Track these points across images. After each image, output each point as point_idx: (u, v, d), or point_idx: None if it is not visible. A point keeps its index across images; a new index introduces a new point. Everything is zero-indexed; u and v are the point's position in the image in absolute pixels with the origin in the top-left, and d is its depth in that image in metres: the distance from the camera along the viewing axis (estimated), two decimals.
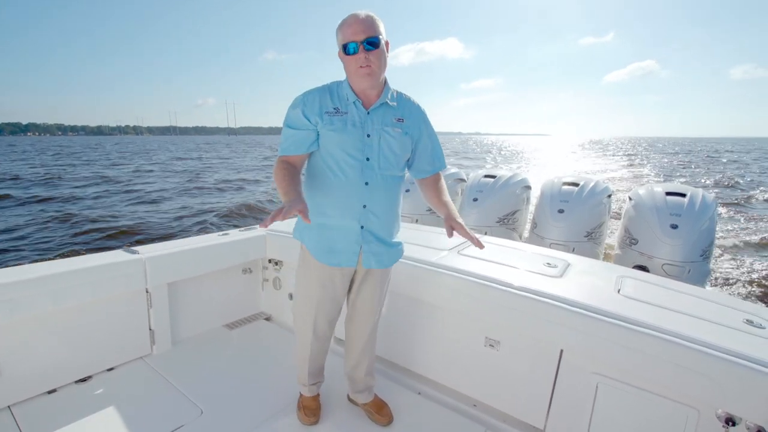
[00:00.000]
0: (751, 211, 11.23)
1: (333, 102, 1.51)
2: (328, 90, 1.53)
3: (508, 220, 4.09)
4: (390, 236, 1.64)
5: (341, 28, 1.43)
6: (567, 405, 1.75)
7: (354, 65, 1.43)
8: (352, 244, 1.57)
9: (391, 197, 1.59)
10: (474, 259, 2.12)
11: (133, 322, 2.23)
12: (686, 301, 1.73)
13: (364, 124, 1.50)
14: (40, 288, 1.83)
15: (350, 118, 1.50)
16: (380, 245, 1.61)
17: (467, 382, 2.05)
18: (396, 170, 1.57)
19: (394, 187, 1.59)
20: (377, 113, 1.52)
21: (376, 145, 1.51)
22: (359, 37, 1.38)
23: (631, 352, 1.48)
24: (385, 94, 1.53)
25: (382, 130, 1.51)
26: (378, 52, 1.42)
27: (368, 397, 1.88)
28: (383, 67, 1.47)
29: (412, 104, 1.61)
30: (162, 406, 1.89)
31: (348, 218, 1.54)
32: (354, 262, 1.60)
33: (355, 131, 1.49)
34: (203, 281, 2.55)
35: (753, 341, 1.43)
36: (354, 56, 1.41)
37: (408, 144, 1.58)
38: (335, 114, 1.49)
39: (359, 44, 1.39)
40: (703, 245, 3.24)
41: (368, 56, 1.40)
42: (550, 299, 1.68)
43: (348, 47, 1.41)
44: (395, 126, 1.53)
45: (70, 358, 2.01)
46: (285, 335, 2.63)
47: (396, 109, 1.56)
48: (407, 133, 1.56)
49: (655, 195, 3.54)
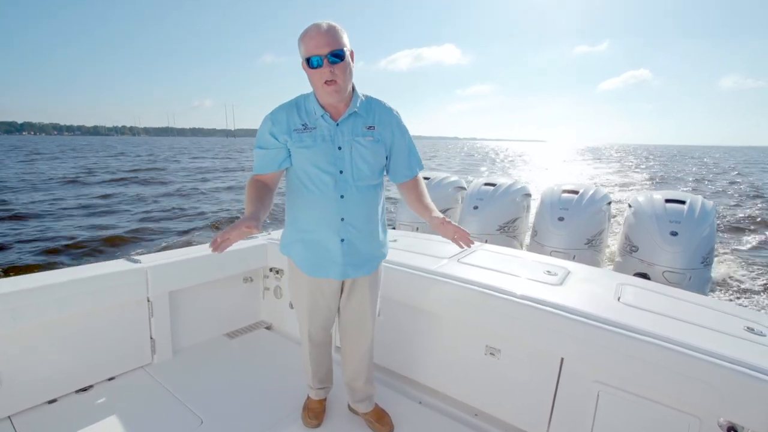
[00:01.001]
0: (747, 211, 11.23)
1: (301, 118, 1.50)
2: (295, 105, 1.52)
3: (509, 227, 4.10)
4: (372, 247, 1.64)
5: (303, 40, 1.39)
6: (568, 414, 1.74)
7: (319, 80, 1.40)
8: (334, 256, 1.57)
9: (370, 207, 1.58)
10: (474, 267, 2.13)
11: (134, 331, 2.23)
12: (686, 309, 1.73)
13: (334, 137, 1.49)
14: (42, 297, 1.84)
15: (319, 133, 1.49)
16: (361, 256, 1.61)
17: (468, 391, 2.04)
18: (371, 180, 1.56)
19: (372, 197, 1.58)
20: (346, 124, 1.50)
21: (348, 157, 1.50)
22: (323, 50, 1.36)
23: (632, 360, 1.48)
24: (354, 103, 1.50)
25: (353, 140, 1.50)
26: (343, 64, 1.40)
27: (369, 407, 1.87)
28: (349, 78, 1.45)
29: (383, 109, 1.58)
30: (162, 416, 1.89)
31: (327, 232, 1.55)
32: (338, 274, 1.60)
33: (325, 146, 1.48)
34: (204, 290, 2.56)
35: (754, 349, 1.43)
36: (318, 70, 1.38)
37: (381, 151, 1.56)
38: (304, 131, 1.49)
39: (323, 58, 1.36)
40: (703, 252, 3.24)
41: (333, 69, 1.38)
42: (550, 307, 1.68)
43: (311, 61, 1.38)
44: (366, 135, 1.52)
45: (71, 368, 2.01)
46: (286, 344, 2.62)
47: (366, 116, 1.54)
48: (379, 141, 1.54)
49: (654, 202, 3.55)
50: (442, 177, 4.67)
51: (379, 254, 1.69)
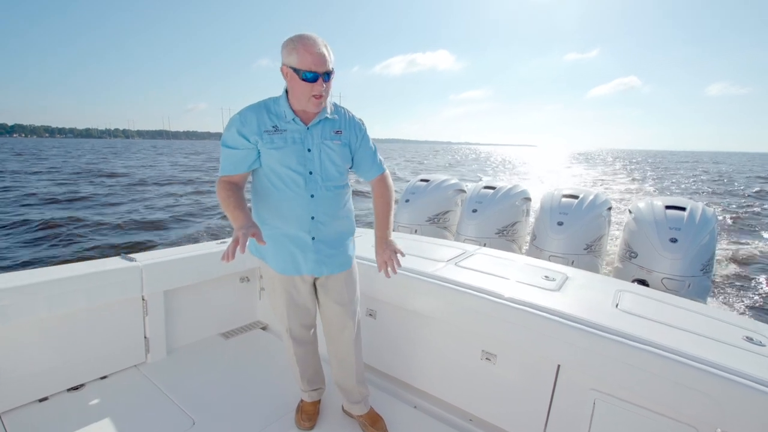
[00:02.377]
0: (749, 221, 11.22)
1: (271, 120, 1.53)
2: (264, 107, 1.55)
3: (508, 231, 4.08)
4: (341, 243, 1.69)
5: (298, 51, 1.40)
6: (564, 421, 1.72)
7: (309, 92, 1.45)
8: (306, 254, 1.63)
9: (338, 206, 1.65)
10: (472, 271, 2.11)
11: (128, 329, 2.22)
12: (685, 317, 1.71)
13: (305, 139, 1.55)
14: (34, 294, 1.82)
15: (290, 135, 1.53)
16: (332, 252, 1.66)
17: (463, 396, 2.03)
18: (339, 180, 1.63)
19: (340, 196, 1.65)
20: (316, 128, 1.56)
21: (317, 158, 1.56)
22: (321, 68, 1.42)
23: (629, 368, 1.47)
24: (324, 110, 1.57)
25: (322, 143, 1.57)
26: (330, 83, 1.49)
27: (363, 409, 1.86)
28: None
29: (350, 117, 1.67)
30: (154, 416, 1.87)
31: (298, 230, 1.59)
32: (310, 270, 1.65)
33: (295, 147, 1.53)
34: (200, 289, 2.54)
35: (753, 359, 1.41)
36: (311, 84, 1.43)
37: (347, 153, 1.64)
38: (275, 132, 1.52)
39: (320, 75, 1.43)
40: (703, 260, 3.22)
41: (325, 86, 1.46)
42: (547, 313, 1.66)
43: (307, 76, 1.42)
44: (334, 138, 1.59)
45: (63, 366, 2.00)
46: (281, 345, 2.60)
47: (334, 121, 1.61)
48: (346, 144, 1.63)
49: (654, 208, 3.53)
50: (442, 179, 4.65)
51: (350, 251, 1.74)
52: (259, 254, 1.72)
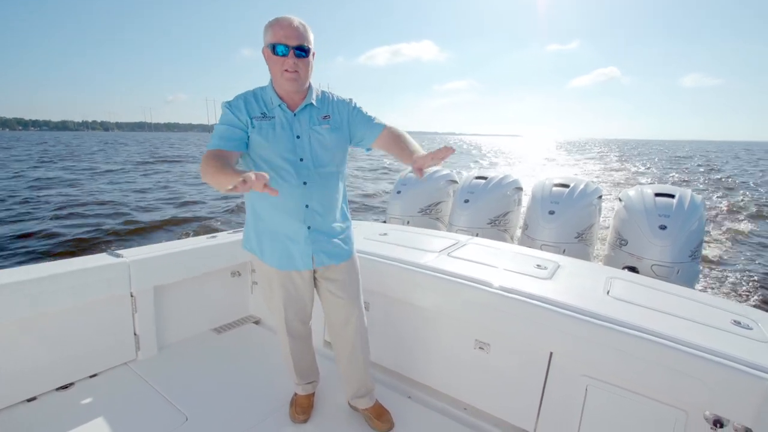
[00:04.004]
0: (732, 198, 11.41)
1: (259, 107, 1.53)
2: (252, 95, 1.55)
3: (500, 221, 4.09)
4: (339, 232, 1.66)
5: (272, 27, 1.42)
6: (557, 408, 1.74)
7: (280, 67, 1.44)
8: (303, 246, 1.59)
9: (332, 192, 1.62)
10: (464, 261, 2.11)
11: (117, 327, 2.18)
12: (674, 302, 1.73)
13: (292, 125, 1.53)
14: (19, 293, 1.78)
15: (278, 122, 1.52)
16: (330, 242, 1.63)
17: (457, 386, 2.03)
18: (332, 166, 1.60)
19: (333, 183, 1.62)
20: (303, 114, 1.55)
21: (306, 144, 1.54)
22: (291, 42, 1.41)
23: (620, 354, 1.48)
24: (310, 95, 1.56)
25: (310, 129, 1.55)
26: (306, 60, 1.47)
27: (368, 403, 1.84)
28: (309, 75, 1.53)
29: (337, 99, 1.65)
30: (146, 413, 1.85)
31: (293, 220, 1.56)
32: (309, 264, 1.62)
33: (284, 134, 1.52)
34: (190, 285, 2.51)
35: (740, 342, 1.43)
36: (282, 58, 1.43)
37: (338, 138, 1.60)
38: (263, 119, 1.51)
39: (290, 49, 1.42)
40: (692, 246, 3.26)
41: (297, 62, 1.44)
42: (540, 301, 1.67)
43: (277, 48, 1.42)
44: (323, 123, 1.57)
45: (51, 365, 1.96)
46: (275, 339, 2.59)
47: (321, 108, 1.59)
48: (336, 129, 1.60)
49: (644, 196, 3.56)
50: (434, 170, 4.64)
51: (349, 241, 1.71)
52: (252, 250, 1.68)
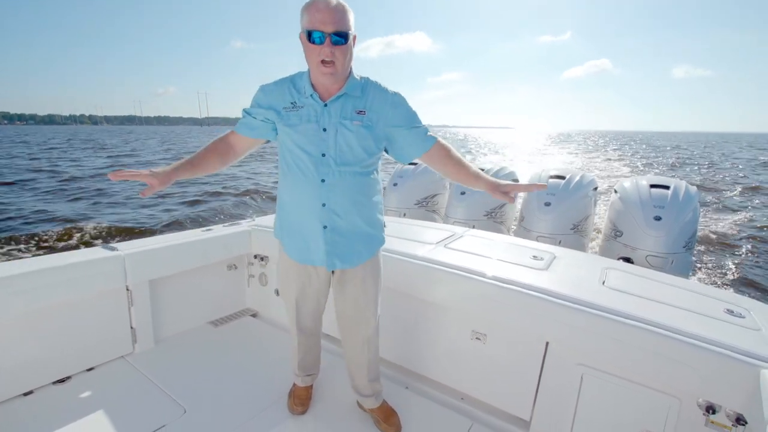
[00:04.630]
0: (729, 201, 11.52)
1: (291, 96, 1.45)
2: (289, 82, 1.48)
3: (496, 213, 4.10)
4: (359, 235, 1.54)
5: (308, 10, 1.30)
6: (552, 396, 1.76)
7: (316, 57, 1.32)
8: (317, 243, 1.51)
9: (355, 195, 1.48)
10: (461, 252, 2.11)
11: (113, 320, 2.17)
12: (669, 292, 1.75)
13: (320, 117, 1.42)
14: (13, 287, 1.76)
15: (305, 113, 1.43)
16: (345, 245, 1.52)
17: (454, 376, 2.05)
18: (357, 166, 1.45)
19: (357, 184, 1.48)
20: (335, 105, 1.42)
21: (332, 139, 1.42)
22: (328, 27, 1.27)
23: (615, 342, 1.49)
24: (348, 86, 1.42)
25: (339, 123, 1.42)
26: (345, 47, 1.32)
27: (374, 403, 1.79)
28: (348, 63, 1.38)
29: (379, 92, 1.47)
30: (143, 406, 1.85)
31: (309, 217, 1.49)
32: (323, 263, 1.54)
33: (310, 126, 1.42)
34: (187, 278, 2.50)
35: (733, 330, 1.45)
36: (318, 47, 1.30)
37: (368, 137, 1.44)
38: (292, 109, 1.44)
39: (326, 35, 1.28)
40: (686, 236, 3.29)
41: (334, 50, 1.30)
42: (536, 291, 1.68)
43: (313, 35, 1.29)
44: (354, 119, 1.42)
45: (48, 359, 1.95)
46: (272, 331, 2.59)
47: (359, 99, 1.44)
48: (368, 126, 1.44)
49: (639, 187, 3.58)
50: None
51: (369, 244, 1.58)
52: (278, 237, 1.64)
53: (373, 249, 1.60)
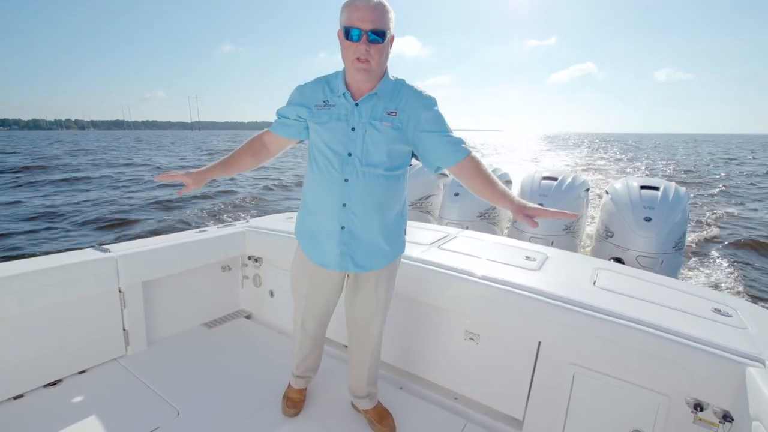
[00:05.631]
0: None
1: (324, 94, 1.46)
2: (324, 81, 1.48)
3: (489, 214, 4.13)
4: (376, 241, 1.51)
5: (348, 7, 1.30)
6: (545, 395, 1.78)
7: (352, 54, 1.31)
8: (333, 244, 1.50)
9: (378, 198, 1.46)
10: (454, 253, 2.13)
11: (105, 322, 2.16)
12: (658, 292, 1.78)
13: (350, 116, 1.41)
14: (4, 289, 1.74)
15: (336, 111, 1.43)
16: (361, 248, 1.51)
17: (448, 376, 2.07)
18: (382, 168, 1.43)
19: (382, 187, 1.46)
20: (366, 105, 1.41)
21: (360, 139, 1.41)
22: (366, 25, 1.27)
23: (606, 342, 1.52)
24: (380, 86, 1.41)
25: (368, 123, 1.40)
26: (381, 46, 1.32)
27: (368, 405, 1.80)
28: (384, 62, 1.38)
29: (412, 94, 1.44)
30: (136, 408, 1.84)
31: (328, 216, 1.48)
32: (335, 264, 1.53)
33: (339, 125, 1.42)
34: (180, 279, 2.49)
35: (720, 329, 1.48)
36: (354, 44, 1.30)
37: (397, 139, 1.42)
38: (323, 107, 1.45)
39: (363, 33, 1.27)
40: (675, 237, 3.34)
41: (370, 49, 1.29)
42: (528, 292, 1.70)
43: (351, 33, 1.28)
44: (385, 119, 1.40)
45: (38, 361, 1.93)
46: (265, 333, 2.59)
47: (390, 100, 1.42)
48: (398, 128, 1.41)
49: (630, 189, 3.63)
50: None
51: (386, 251, 1.55)
52: (297, 235, 1.65)
53: (389, 256, 1.57)
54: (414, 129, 1.44)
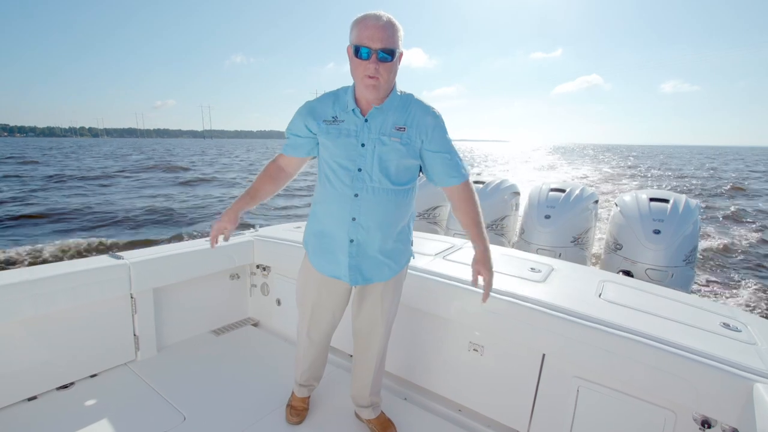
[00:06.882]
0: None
1: (334, 110, 1.48)
2: (334, 96, 1.51)
3: (497, 226, 4.12)
4: (384, 254, 1.54)
5: (358, 26, 1.33)
6: (549, 409, 1.76)
7: (361, 72, 1.34)
8: (341, 257, 1.53)
9: (387, 212, 1.48)
10: (459, 264, 2.14)
11: (117, 327, 2.21)
12: (665, 306, 1.76)
13: (360, 132, 1.43)
14: (21, 293, 1.81)
15: (345, 127, 1.45)
16: (368, 261, 1.53)
17: (452, 387, 2.06)
18: (391, 183, 1.46)
19: (390, 201, 1.48)
20: (375, 121, 1.43)
21: (369, 155, 1.43)
22: (375, 44, 1.30)
23: (611, 355, 1.51)
24: (387, 101, 1.43)
25: (377, 139, 1.42)
26: (390, 64, 1.34)
27: (370, 414, 1.80)
28: (392, 79, 1.40)
29: (420, 110, 1.46)
30: (144, 413, 1.87)
31: (338, 230, 1.51)
32: (344, 276, 1.55)
33: (348, 140, 1.44)
34: (190, 287, 2.54)
35: (729, 344, 1.46)
36: (364, 62, 1.32)
37: (406, 154, 1.45)
38: (332, 123, 1.46)
39: (373, 52, 1.30)
40: (686, 250, 3.30)
41: (379, 67, 1.32)
42: (533, 304, 1.70)
43: (361, 51, 1.31)
44: (394, 135, 1.42)
45: (52, 365, 1.99)
46: (273, 341, 2.62)
47: (398, 116, 1.44)
48: (407, 144, 1.44)
49: (639, 201, 3.60)
50: None
51: (393, 263, 1.58)
52: (305, 245, 1.67)
53: (396, 268, 1.60)
54: (422, 145, 1.48)
